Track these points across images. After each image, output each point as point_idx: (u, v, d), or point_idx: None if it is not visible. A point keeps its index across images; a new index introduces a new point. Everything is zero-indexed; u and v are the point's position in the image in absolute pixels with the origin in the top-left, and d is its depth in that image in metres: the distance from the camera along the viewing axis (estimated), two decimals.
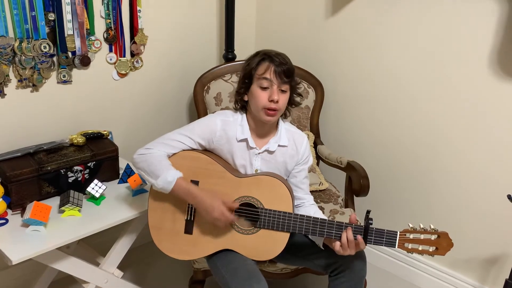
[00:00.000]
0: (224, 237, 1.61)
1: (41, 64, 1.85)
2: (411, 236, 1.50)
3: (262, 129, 1.64)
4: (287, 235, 1.58)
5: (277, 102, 1.54)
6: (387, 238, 1.51)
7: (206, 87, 2.24)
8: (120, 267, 1.85)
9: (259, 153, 1.64)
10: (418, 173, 2.23)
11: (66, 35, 1.89)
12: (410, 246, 1.50)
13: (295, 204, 1.71)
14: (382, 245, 1.52)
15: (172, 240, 1.63)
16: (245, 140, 1.62)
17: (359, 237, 1.49)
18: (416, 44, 2.07)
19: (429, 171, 2.19)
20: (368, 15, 2.19)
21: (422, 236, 1.50)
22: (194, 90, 2.25)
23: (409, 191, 2.28)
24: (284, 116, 1.68)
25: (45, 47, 1.83)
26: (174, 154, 1.60)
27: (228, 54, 2.39)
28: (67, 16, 1.87)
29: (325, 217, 1.67)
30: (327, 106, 2.40)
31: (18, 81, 1.84)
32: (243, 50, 2.49)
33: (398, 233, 1.51)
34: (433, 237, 1.50)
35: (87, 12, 1.93)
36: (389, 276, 2.41)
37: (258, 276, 1.54)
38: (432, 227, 1.51)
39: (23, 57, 1.79)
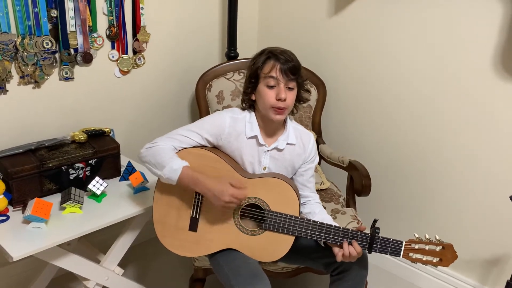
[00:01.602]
0: (228, 237, 1.60)
1: (43, 60, 1.85)
2: (416, 246, 1.50)
3: (271, 127, 1.64)
4: (292, 238, 1.58)
5: (284, 100, 1.54)
6: (392, 248, 1.51)
7: (208, 85, 2.24)
8: (121, 264, 1.85)
9: (268, 150, 1.64)
10: (419, 172, 2.22)
11: (68, 31, 1.89)
12: (414, 256, 1.50)
13: (301, 202, 1.71)
14: (387, 254, 1.52)
15: (175, 236, 1.63)
16: (255, 137, 1.62)
17: (355, 243, 1.50)
18: (419, 43, 2.07)
19: (431, 170, 2.18)
20: (371, 14, 2.18)
21: (427, 247, 1.50)
22: (196, 88, 2.24)
23: (411, 191, 2.28)
24: (291, 113, 1.68)
25: (47, 44, 1.82)
26: (181, 150, 1.59)
27: (231, 52, 2.38)
28: (69, 12, 1.87)
29: (330, 218, 1.68)
30: (329, 105, 2.40)
31: (20, 77, 1.84)
32: (246, 48, 2.49)
33: (404, 243, 1.51)
34: (438, 248, 1.49)
35: (90, 9, 1.93)
36: (389, 276, 2.41)
37: (261, 275, 1.54)
38: (437, 238, 1.50)
39: (25, 54, 1.79)
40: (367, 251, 1.54)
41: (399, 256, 1.51)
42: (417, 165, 2.22)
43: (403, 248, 1.50)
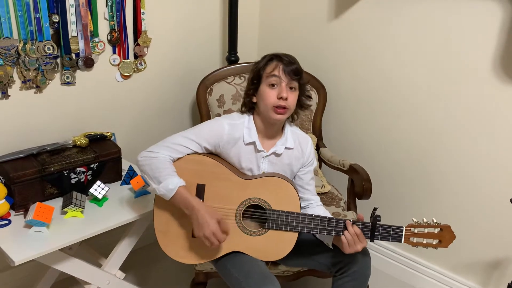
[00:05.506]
0: (232, 239, 1.60)
1: (45, 65, 1.86)
2: (416, 230, 1.55)
3: (270, 130, 1.64)
4: (295, 235, 1.59)
5: (286, 99, 1.54)
6: (393, 234, 1.55)
7: (209, 89, 2.25)
8: (122, 268, 1.85)
9: (266, 155, 1.64)
10: (420, 176, 2.22)
11: (70, 36, 1.90)
12: (415, 240, 1.55)
13: (303, 205, 1.72)
14: (389, 241, 1.56)
15: (179, 244, 1.62)
16: (253, 143, 1.62)
17: (355, 227, 1.53)
18: (419, 47, 2.07)
19: (432, 174, 2.18)
20: (371, 18, 2.19)
21: (426, 230, 1.55)
22: (197, 92, 2.25)
23: (412, 194, 2.28)
24: (292, 119, 1.69)
25: (49, 49, 1.83)
26: (179, 158, 1.59)
27: (231, 56, 2.39)
28: (71, 18, 1.88)
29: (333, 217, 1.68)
30: (330, 109, 2.40)
31: (22, 82, 1.84)
32: (246, 53, 2.50)
33: (404, 228, 1.55)
34: (436, 230, 1.55)
35: (91, 14, 1.94)
36: (391, 280, 2.41)
37: (271, 276, 1.55)
38: (434, 220, 1.55)
39: (27, 59, 1.80)
40: (369, 240, 1.56)
41: (401, 242, 1.55)
42: (418, 169, 2.22)
43: (404, 233, 1.55)
